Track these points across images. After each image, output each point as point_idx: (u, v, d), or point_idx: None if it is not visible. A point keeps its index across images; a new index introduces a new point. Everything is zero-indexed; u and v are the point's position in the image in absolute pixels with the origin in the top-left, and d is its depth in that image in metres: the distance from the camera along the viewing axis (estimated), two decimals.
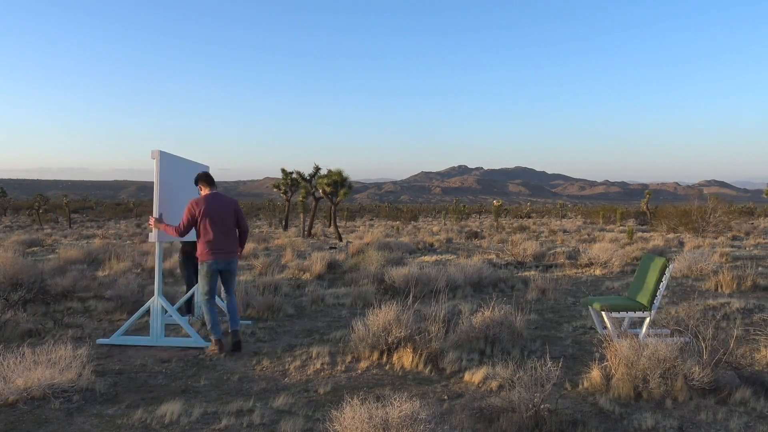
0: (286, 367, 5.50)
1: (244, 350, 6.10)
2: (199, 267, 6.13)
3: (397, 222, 44.08)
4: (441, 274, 9.94)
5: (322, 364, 5.56)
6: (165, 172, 6.32)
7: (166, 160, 6.34)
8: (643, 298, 6.52)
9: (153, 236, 6.28)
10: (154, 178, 6.20)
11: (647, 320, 6.36)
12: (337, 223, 29.79)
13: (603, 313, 6.38)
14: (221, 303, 7.70)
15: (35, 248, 19.04)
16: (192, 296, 7.77)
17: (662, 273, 6.43)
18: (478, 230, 28.74)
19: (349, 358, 5.69)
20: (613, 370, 4.74)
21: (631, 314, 6.43)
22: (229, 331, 6.17)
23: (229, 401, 4.53)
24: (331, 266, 12.33)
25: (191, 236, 6.52)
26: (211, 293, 6.11)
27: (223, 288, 6.38)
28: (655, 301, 6.42)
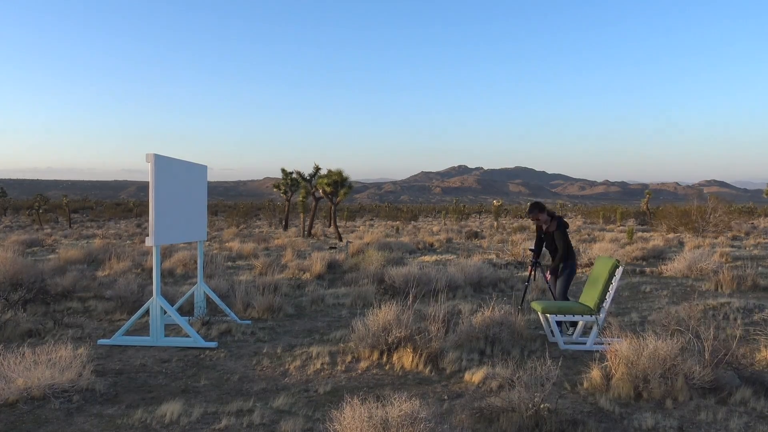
0: (286, 367, 5.50)
1: (244, 350, 6.10)
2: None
3: (397, 222, 44.07)
4: (441, 274, 9.94)
5: (322, 364, 5.56)
6: (161, 175, 6.31)
7: (161, 162, 6.33)
8: (590, 301, 6.26)
9: (150, 239, 6.27)
10: (149, 181, 6.19)
11: (595, 326, 6.12)
12: (337, 223, 29.78)
13: (548, 316, 6.21)
14: (220, 302, 7.70)
15: (35, 248, 19.04)
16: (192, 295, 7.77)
17: (611, 275, 6.15)
18: (478, 230, 28.74)
19: (349, 358, 5.69)
20: (613, 370, 4.73)
21: (578, 318, 6.18)
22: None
23: (229, 401, 4.53)
24: (331, 266, 12.33)
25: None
26: None
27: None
28: (603, 305, 6.13)
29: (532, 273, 7.83)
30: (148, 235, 6.38)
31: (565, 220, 7.17)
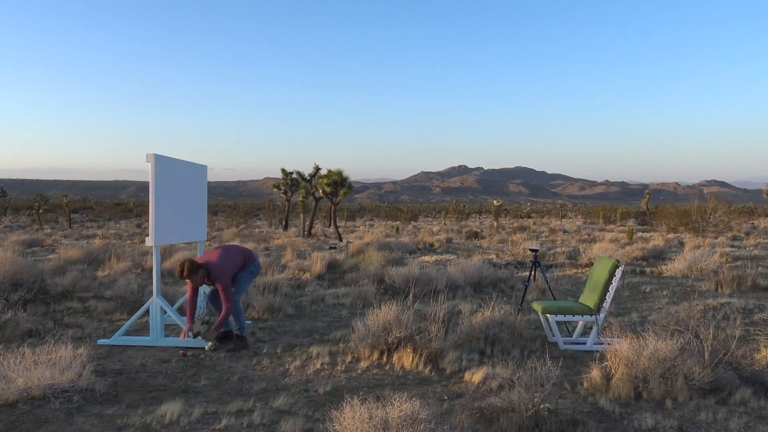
0: (286, 367, 5.50)
1: (244, 351, 6.10)
2: (241, 272, 6.48)
3: (397, 222, 44.06)
4: (441, 274, 9.94)
5: (322, 364, 5.56)
6: (161, 175, 6.31)
7: (161, 162, 6.33)
8: (590, 302, 6.25)
9: (150, 239, 6.27)
10: (149, 181, 6.19)
11: (595, 326, 6.10)
12: (337, 223, 29.75)
13: (548, 316, 6.20)
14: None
15: (35, 248, 19.03)
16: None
17: (611, 275, 6.15)
18: (478, 230, 28.73)
19: (349, 358, 5.70)
20: (613, 370, 4.74)
21: (578, 318, 6.17)
22: (236, 333, 6.37)
23: (229, 401, 4.53)
24: (331, 266, 12.33)
25: None
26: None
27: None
28: (603, 305, 6.12)
29: (532, 273, 7.84)
30: (148, 235, 6.38)
31: None
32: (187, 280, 6.13)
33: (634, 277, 11.85)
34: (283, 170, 31.58)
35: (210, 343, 5.99)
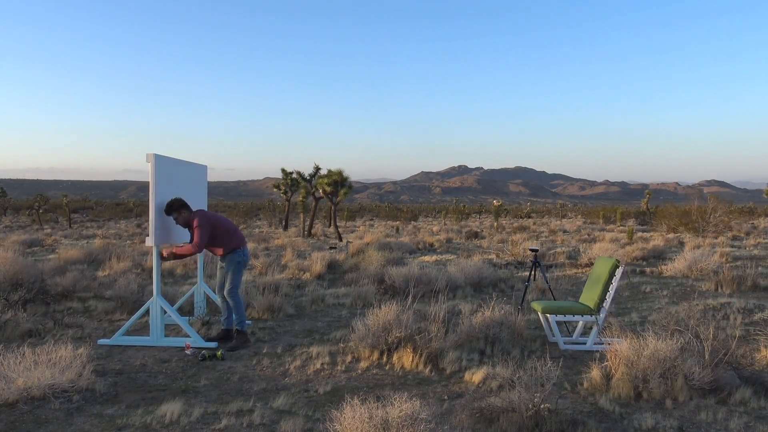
0: (286, 367, 5.50)
1: (244, 350, 6.11)
2: (230, 260, 6.45)
3: (397, 222, 44.04)
4: (441, 274, 9.94)
5: (322, 364, 5.56)
6: (161, 175, 6.31)
7: (161, 162, 6.32)
8: (589, 301, 6.25)
9: (150, 239, 6.27)
10: (149, 181, 6.18)
11: (595, 326, 6.10)
12: (337, 223, 29.73)
13: (548, 316, 6.20)
14: (215, 298, 7.69)
15: (35, 248, 19.03)
16: (192, 296, 7.77)
17: (611, 275, 6.15)
18: (478, 230, 28.73)
19: (349, 358, 5.70)
20: (613, 370, 4.74)
21: (578, 318, 6.17)
22: (237, 329, 6.43)
23: (229, 401, 4.53)
24: (331, 266, 12.33)
25: None
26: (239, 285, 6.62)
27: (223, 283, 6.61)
28: (603, 305, 6.12)
29: (532, 273, 7.84)
30: (147, 235, 6.38)
31: None
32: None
33: (634, 277, 11.85)
34: (283, 170, 31.57)
35: (220, 351, 5.93)
